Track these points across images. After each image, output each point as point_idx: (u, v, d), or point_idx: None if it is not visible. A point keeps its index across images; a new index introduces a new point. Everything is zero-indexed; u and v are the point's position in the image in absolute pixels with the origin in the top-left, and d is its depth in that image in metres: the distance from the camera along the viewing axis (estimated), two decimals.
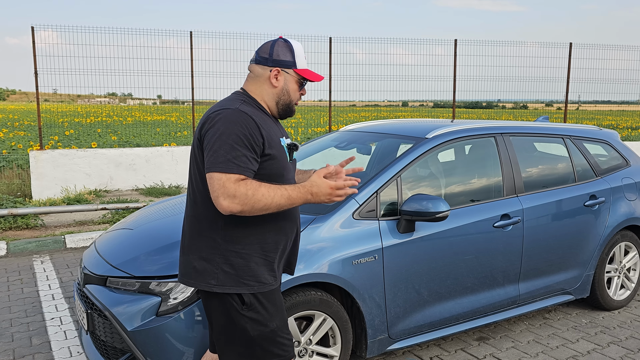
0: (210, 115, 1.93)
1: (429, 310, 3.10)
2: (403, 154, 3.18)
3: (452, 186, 3.47)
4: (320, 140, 4.11)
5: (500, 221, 3.30)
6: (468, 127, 3.53)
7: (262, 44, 2.09)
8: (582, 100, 15.35)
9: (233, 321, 1.99)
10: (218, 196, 1.83)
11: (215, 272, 1.96)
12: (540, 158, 3.99)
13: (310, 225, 2.76)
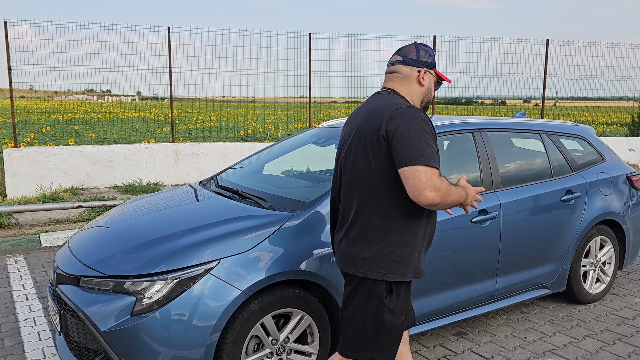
0: (392, 113, 2.03)
1: (424, 299, 3.11)
2: None
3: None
4: (298, 136, 4.09)
5: (477, 216, 3.31)
6: (446, 123, 3.53)
7: (404, 47, 2.26)
8: (559, 97, 15.56)
9: (374, 309, 2.07)
10: (424, 188, 1.92)
11: (385, 261, 2.04)
12: (518, 153, 4.02)
13: (287, 222, 2.73)
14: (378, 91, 2.28)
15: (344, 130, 2.30)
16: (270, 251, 2.60)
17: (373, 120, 2.07)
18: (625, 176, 4.33)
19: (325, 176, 3.68)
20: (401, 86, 2.22)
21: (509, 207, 3.46)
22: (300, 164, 4.36)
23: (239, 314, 2.50)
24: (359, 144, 2.11)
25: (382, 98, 2.17)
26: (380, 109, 2.09)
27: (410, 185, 1.94)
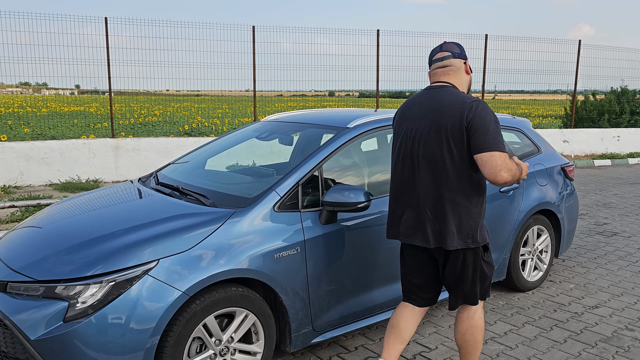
0: (470, 106, 2.37)
1: (354, 300, 3.10)
2: (324, 144, 3.14)
3: (375, 175, 3.48)
4: (241, 131, 4.01)
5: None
6: (389, 117, 3.54)
7: (444, 44, 2.62)
8: (497, 90, 16.07)
9: (478, 266, 2.53)
10: (500, 170, 2.29)
11: (471, 232, 2.45)
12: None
13: (229, 219, 2.66)
14: (437, 85, 2.56)
15: (409, 123, 2.56)
16: (212, 250, 2.53)
17: (451, 113, 2.39)
18: (559, 167, 4.50)
19: (269, 171, 3.63)
20: (455, 78, 2.57)
21: None
22: (244, 159, 4.29)
23: (179, 315, 2.41)
24: (439, 136, 2.41)
25: (447, 92, 2.49)
26: (455, 103, 2.41)
27: (488, 168, 2.30)
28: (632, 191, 8.82)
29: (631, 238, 5.88)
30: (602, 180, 10.02)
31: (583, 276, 4.63)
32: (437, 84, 2.58)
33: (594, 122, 14.83)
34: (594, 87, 15.47)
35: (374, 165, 3.65)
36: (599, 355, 3.22)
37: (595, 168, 11.76)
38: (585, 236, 5.96)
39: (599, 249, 5.47)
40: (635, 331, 3.55)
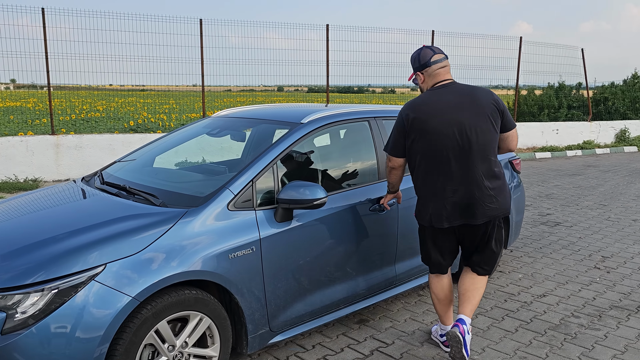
0: (490, 93, 2.93)
1: (310, 298, 3.05)
2: (278, 140, 3.07)
3: (329, 171, 3.45)
4: (191, 127, 3.88)
5: (376, 204, 3.34)
6: (342, 112, 3.51)
7: (436, 47, 3.05)
8: None
9: (503, 233, 3.10)
10: (517, 142, 3.05)
11: (509, 202, 2.97)
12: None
13: (181, 219, 2.56)
14: (448, 82, 2.95)
15: (440, 119, 2.83)
16: (162, 252, 2.42)
17: (486, 101, 2.86)
18: (507, 160, 4.60)
19: (221, 168, 3.52)
20: (450, 74, 3.02)
21: (406, 193, 3.52)
22: (194, 156, 4.16)
23: (129, 322, 2.29)
24: (486, 121, 2.83)
25: (463, 86, 2.95)
26: (481, 93, 2.90)
27: (515, 140, 3.02)
28: (571, 182, 9.20)
29: (573, 227, 6.12)
30: (543, 172, 10.41)
31: (530, 266, 4.77)
32: (446, 81, 2.95)
33: (535, 117, 15.40)
34: (533, 82, 16.06)
35: (327, 161, 3.62)
36: (548, 343, 3.31)
37: (537, 160, 12.21)
38: (530, 227, 6.16)
39: (543, 238, 5.66)
40: (581, 318, 3.68)
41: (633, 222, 6.39)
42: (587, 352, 3.21)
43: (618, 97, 16.43)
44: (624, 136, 14.78)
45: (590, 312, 3.79)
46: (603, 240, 5.59)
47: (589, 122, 14.55)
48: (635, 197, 7.84)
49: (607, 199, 7.77)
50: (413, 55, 3.05)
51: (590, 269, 4.69)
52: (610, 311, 3.80)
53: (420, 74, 3.01)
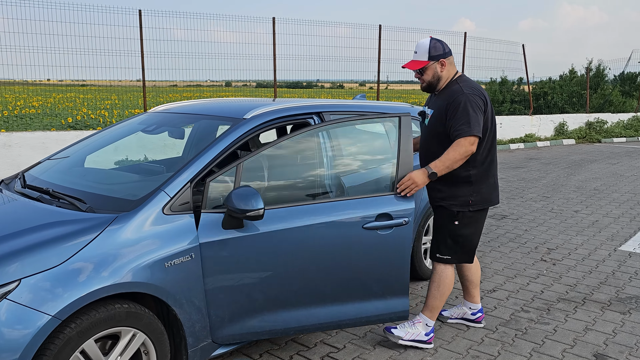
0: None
1: (270, 317, 2.75)
2: (219, 137, 2.86)
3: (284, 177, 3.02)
4: (125, 123, 3.60)
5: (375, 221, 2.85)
6: (289, 106, 3.33)
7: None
8: (390, 80, 16.50)
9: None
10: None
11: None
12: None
13: (110, 226, 2.32)
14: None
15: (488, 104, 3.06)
16: (88, 263, 2.17)
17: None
18: None
19: (158, 168, 3.29)
20: None
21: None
22: (130, 155, 3.88)
23: (50, 343, 2.05)
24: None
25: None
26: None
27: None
28: (515, 175, 9.39)
29: (519, 220, 6.20)
30: None
31: (480, 260, 4.76)
32: (458, 72, 3.16)
33: None
34: (477, 77, 16.39)
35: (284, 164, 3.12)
36: (500, 340, 3.27)
37: None
38: None
39: (491, 232, 5.70)
40: (531, 312, 3.68)
41: (575, 213, 6.55)
42: (537, 347, 3.18)
43: (556, 91, 17.02)
44: (562, 129, 15.32)
45: (539, 305, 3.79)
46: (548, 232, 5.68)
47: (530, 116, 14.98)
48: (576, 189, 8.07)
49: (549, 191, 7.96)
50: (434, 45, 3.07)
51: (537, 262, 4.73)
52: (558, 304, 3.81)
53: (445, 60, 3.08)
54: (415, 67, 3.09)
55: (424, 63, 3.07)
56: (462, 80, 3.08)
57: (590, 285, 4.17)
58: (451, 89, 3.05)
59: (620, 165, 10.51)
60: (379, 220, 2.84)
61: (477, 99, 2.97)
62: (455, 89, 3.02)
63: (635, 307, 3.76)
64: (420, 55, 3.09)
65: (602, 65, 18.61)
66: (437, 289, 3.18)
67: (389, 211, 2.86)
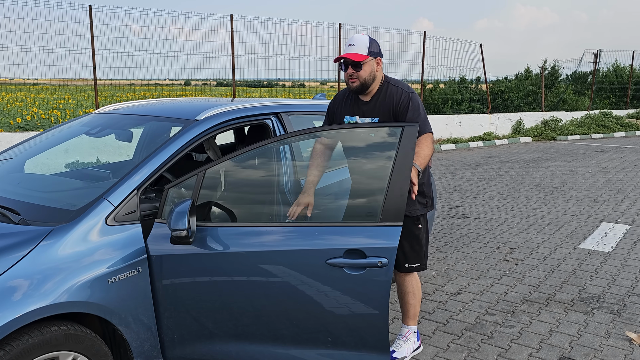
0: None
1: (220, 346, 2.46)
2: (168, 140, 2.66)
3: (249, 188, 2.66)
4: (67, 125, 3.34)
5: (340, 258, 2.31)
6: (245, 107, 3.16)
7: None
8: None
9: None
10: None
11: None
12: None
13: (45, 240, 2.09)
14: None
15: None
16: (19, 283, 1.95)
17: None
18: None
19: (103, 174, 3.05)
20: None
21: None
22: (77, 158, 3.61)
23: None
24: None
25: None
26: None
27: None
28: (475, 173, 9.45)
29: (480, 219, 6.19)
30: (449, 163, 10.65)
31: (443, 262, 4.70)
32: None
33: (439, 109, 15.85)
34: (437, 76, 16.53)
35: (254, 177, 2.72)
36: (466, 346, 3.19)
37: (443, 152, 12.52)
38: (440, 220, 6.15)
39: (454, 232, 5.66)
40: (495, 315, 3.62)
41: (534, 211, 6.60)
42: (504, 352, 3.12)
43: (513, 90, 17.33)
44: (519, 127, 15.61)
45: (504, 308, 3.74)
46: (509, 231, 5.68)
47: (488, 115, 15.20)
48: (534, 187, 8.17)
49: (509, 189, 8.03)
50: (373, 41, 2.82)
51: (500, 262, 4.70)
52: (522, 305, 3.77)
53: (380, 60, 2.86)
54: (357, 59, 2.71)
55: (364, 57, 2.74)
56: (394, 81, 2.89)
57: (553, 285, 4.16)
58: (389, 91, 2.83)
59: (575, 162, 10.74)
60: (348, 257, 2.28)
61: (418, 98, 2.86)
62: (394, 90, 2.83)
63: (597, 306, 3.76)
64: (358, 48, 2.75)
65: (557, 65, 19.11)
66: (414, 297, 3.06)
67: (361, 247, 2.27)
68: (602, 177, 8.96)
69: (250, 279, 2.36)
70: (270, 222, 2.56)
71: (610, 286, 4.13)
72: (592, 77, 19.88)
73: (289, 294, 2.35)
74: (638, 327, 3.44)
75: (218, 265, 2.36)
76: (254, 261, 2.34)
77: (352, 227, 2.32)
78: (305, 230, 2.36)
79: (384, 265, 2.25)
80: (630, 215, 6.35)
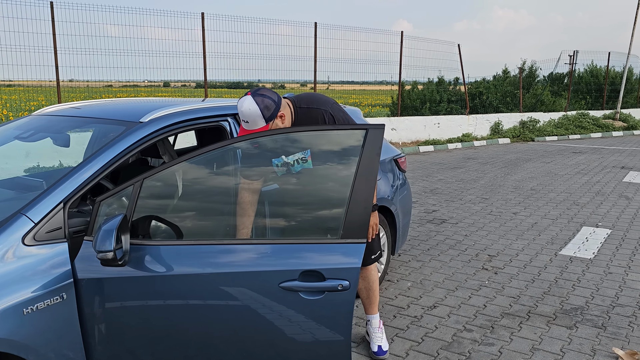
0: None
1: None
2: (105, 146, 2.35)
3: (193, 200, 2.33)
4: (1, 129, 2.99)
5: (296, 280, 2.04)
6: (199, 107, 2.87)
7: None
8: (331, 81, 16.22)
9: None
10: None
11: None
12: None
13: None
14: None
15: None
16: None
17: None
18: (392, 159, 4.23)
19: (36, 183, 2.72)
20: None
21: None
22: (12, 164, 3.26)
23: None
24: None
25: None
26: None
27: None
28: (454, 175, 9.25)
29: (458, 224, 5.96)
30: (427, 166, 10.45)
31: (419, 272, 4.45)
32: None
33: (417, 110, 15.67)
34: (415, 78, 16.36)
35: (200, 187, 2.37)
36: None
37: (421, 154, 12.32)
38: (417, 226, 5.91)
39: (430, 238, 5.42)
40: (474, 331, 3.37)
41: (513, 215, 6.40)
42: None
43: (491, 91, 17.25)
44: (497, 128, 15.51)
45: (482, 323, 3.49)
46: (488, 237, 5.46)
47: (467, 116, 15.07)
48: (513, 189, 7.99)
49: (487, 192, 7.83)
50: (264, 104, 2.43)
51: (478, 271, 4.46)
52: (501, 320, 3.53)
53: (282, 111, 2.52)
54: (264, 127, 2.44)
55: (266, 127, 2.45)
56: (304, 102, 2.62)
57: (534, 296, 3.93)
58: (307, 116, 2.60)
59: (554, 164, 10.62)
60: (304, 280, 2.02)
61: (340, 106, 2.65)
62: (312, 113, 2.59)
63: (580, 319, 3.53)
64: (254, 122, 2.42)
65: (535, 66, 19.11)
66: (376, 282, 3.08)
67: (319, 268, 2.01)
68: (581, 179, 8.84)
69: (194, 305, 2.05)
70: (219, 238, 2.25)
71: (594, 296, 3.92)
72: (569, 78, 19.94)
73: (240, 322, 2.05)
74: (625, 343, 3.22)
75: (157, 290, 2.05)
76: (198, 285, 2.04)
77: (308, 245, 2.02)
78: (258, 248, 2.06)
79: (345, 289, 1.96)
80: (611, 219, 6.19)
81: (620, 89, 18.96)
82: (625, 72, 19.04)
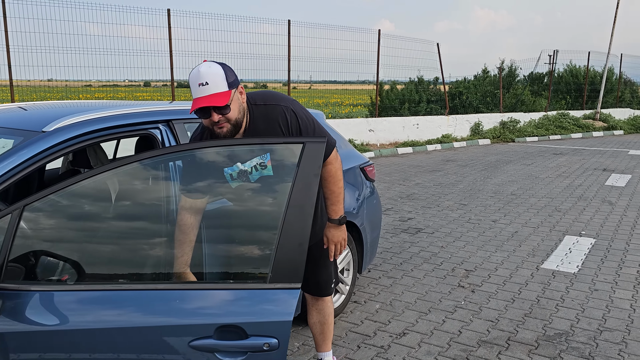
0: None
1: None
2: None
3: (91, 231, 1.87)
4: None
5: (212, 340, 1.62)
6: (122, 113, 2.44)
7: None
8: (313, 80, 15.81)
9: None
10: None
11: None
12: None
13: None
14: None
15: None
16: None
17: None
18: (358, 167, 3.82)
19: None
20: None
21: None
22: None
23: None
24: None
25: None
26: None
27: None
28: (432, 179, 8.90)
29: (434, 234, 5.59)
30: (405, 169, 10.09)
31: (389, 290, 4.05)
32: None
33: (396, 111, 15.34)
34: (395, 77, 16.04)
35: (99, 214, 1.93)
36: None
37: (399, 156, 11.97)
38: (390, 236, 5.52)
39: (404, 250, 5.03)
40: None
41: (493, 223, 6.05)
42: None
43: (471, 91, 16.99)
44: (478, 129, 15.24)
45: (457, 354, 3.10)
46: (465, 249, 5.09)
47: (446, 116, 14.77)
48: (493, 194, 7.65)
49: (466, 197, 7.48)
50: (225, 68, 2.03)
51: (454, 289, 4.08)
52: (478, 350, 3.15)
53: (241, 87, 2.12)
54: (224, 102, 1.97)
55: (227, 94, 2.00)
56: (259, 99, 2.21)
57: (514, 319, 3.56)
58: (263, 114, 2.17)
59: (534, 166, 10.34)
60: (220, 338, 1.59)
61: (301, 105, 2.26)
62: (268, 110, 2.18)
63: (565, 347, 3.17)
64: (215, 85, 1.98)
65: (514, 66, 18.90)
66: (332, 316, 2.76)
67: (240, 322, 1.59)
68: (562, 182, 8.55)
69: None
70: (119, 281, 1.79)
71: (579, 318, 3.56)
72: (549, 77, 19.80)
73: None
74: None
75: (36, 349, 1.61)
76: (89, 344, 1.60)
77: (227, 292, 1.59)
78: (165, 296, 1.62)
79: (272, 349, 1.54)
80: (595, 227, 5.87)
81: (601, 89, 18.87)
82: (605, 72, 18.96)
